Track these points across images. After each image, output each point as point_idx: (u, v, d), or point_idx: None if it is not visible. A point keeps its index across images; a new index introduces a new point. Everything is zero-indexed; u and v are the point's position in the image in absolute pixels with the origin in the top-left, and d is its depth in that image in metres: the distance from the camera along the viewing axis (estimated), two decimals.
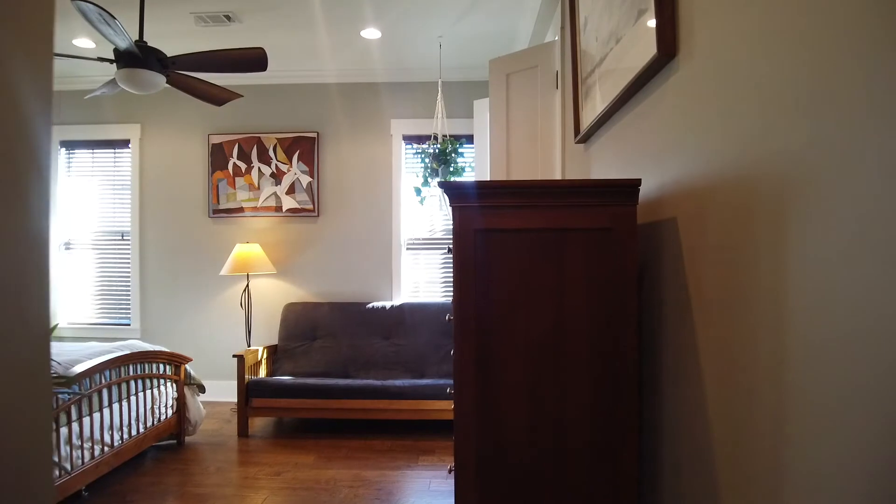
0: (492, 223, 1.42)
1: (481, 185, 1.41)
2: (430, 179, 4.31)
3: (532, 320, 1.41)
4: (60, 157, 5.17)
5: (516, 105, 3.00)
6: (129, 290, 5.11)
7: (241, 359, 4.04)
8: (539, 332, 1.40)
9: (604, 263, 1.38)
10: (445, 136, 4.26)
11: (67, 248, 5.18)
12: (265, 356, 4.45)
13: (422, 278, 4.96)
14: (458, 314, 1.41)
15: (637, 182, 1.36)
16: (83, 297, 5.19)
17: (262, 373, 4.41)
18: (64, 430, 2.80)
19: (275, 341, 4.80)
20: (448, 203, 1.82)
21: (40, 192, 0.68)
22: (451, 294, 4.87)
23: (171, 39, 4.21)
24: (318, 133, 4.94)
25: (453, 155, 4.15)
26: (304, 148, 4.96)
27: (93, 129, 5.12)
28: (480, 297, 1.42)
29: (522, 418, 1.39)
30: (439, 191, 4.48)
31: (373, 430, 4.11)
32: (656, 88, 1.42)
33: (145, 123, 5.09)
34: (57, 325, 5.08)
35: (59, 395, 2.02)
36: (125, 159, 5.15)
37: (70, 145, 5.19)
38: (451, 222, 1.42)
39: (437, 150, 4.17)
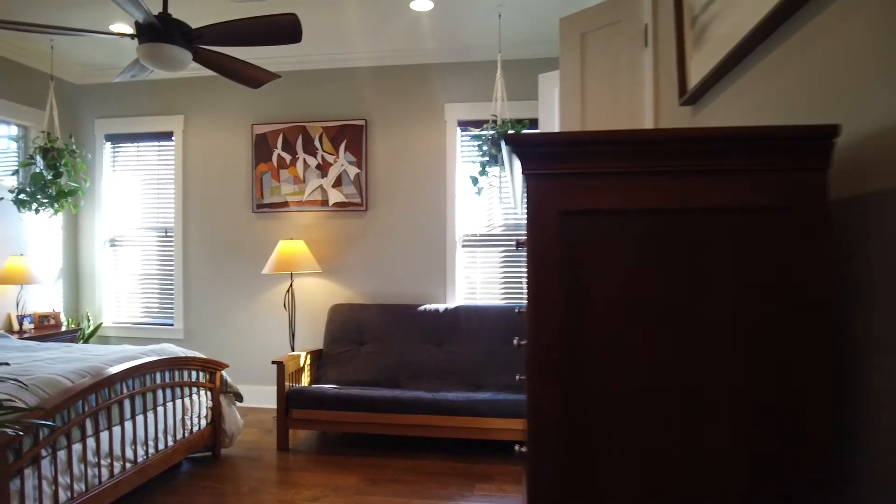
0: (585, 201, 0.93)
1: (571, 139, 0.93)
2: (488, 168, 3.83)
3: (650, 352, 0.91)
4: (105, 151, 5.00)
5: (594, 70, 2.48)
6: (172, 289, 4.89)
7: (280, 366, 3.69)
8: (662, 372, 0.91)
9: (771, 265, 0.87)
10: (506, 119, 3.77)
11: (112, 245, 5.01)
12: (308, 362, 4.10)
13: (479, 278, 4.49)
14: (535, 340, 0.94)
15: (832, 130, 0.84)
16: (127, 295, 5.01)
17: (305, 380, 4.06)
18: (77, 447, 2.50)
19: (320, 345, 4.45)
20: (514, 170, 1.34)
21: None
22: (513, 296, 4.40)
23: (203, 20, 3.91)
24: (366, 120, 4.56)
25: None
26: (352, 137, 4.58)
27: (136, 121, 4.93)
28: (568, 314, 0.94)
29: None
30: (498, 181, 4.00)
31: (423, 448, 3.67)
32: None
33: (188, 114, 4.85)
34: (101, 324, 4.91)
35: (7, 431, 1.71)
36: (169, 152, 4.93)
37: (115, 139, 5.02)
38: (510, 203, 0.93)
39: (496, 134, 3.69)
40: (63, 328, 4.53)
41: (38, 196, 4.07)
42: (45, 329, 4.42)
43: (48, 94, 4.26)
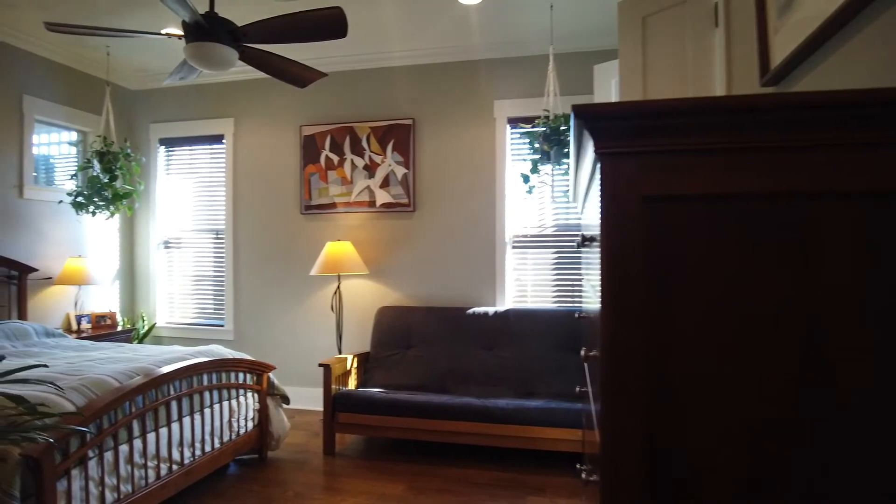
0: (676, 184, 0.78)
1: (662, 108, 0.78)
2: (539, 165, 3.67)
3: (759, 372, 0.75)
4: (159, 154, 5.09)
5: (656, 56, 2.30)
6: (223, 291, 4.93)
7: (327, 368, 3.63)
8: (775, 398, 0.74)
9: None
10: (558, 114, 3.60)
11: (166, 247, 5.10)
12: (355, 365, 4.03)
13: (530, 280, 4.32)
14: (611, 352, 0.79)
15: None
16: (180, 296, 5.08)
17: (352, 384, 3.99)
18: (124, 448, 2.49)
19: (367, 348, 4.38)
20: (581, 154, 1.21)
21: None
22: (566, 299, 4.20)
23: (250, 19, 3.89)
24: (413, 119, 4.47)
25: (569, 135, 3.49)
26: (399, 137, 4.50)
27: (189, 125, 5.00)
28: (654, 323, 0.79)
29: None
30: (551, 178, 3.83)
31: (472, 456, 3.53)
32: None
33: (239, 117, 4.88)
34: (154, 324, 5.00)
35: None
36: (220, 155, 4.97)
37: (168, 143, 5.10)
38: (565, 200, 0.80)
39: (548, 130, 3.52)
40: (119, 328, 4.62)
41: (95, 199, 4.16)
42: (102, 329, 4.51)
43: (104, 99, 4.35)
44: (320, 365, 3.65)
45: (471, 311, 4.11)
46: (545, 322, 3.89)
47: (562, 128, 3.45)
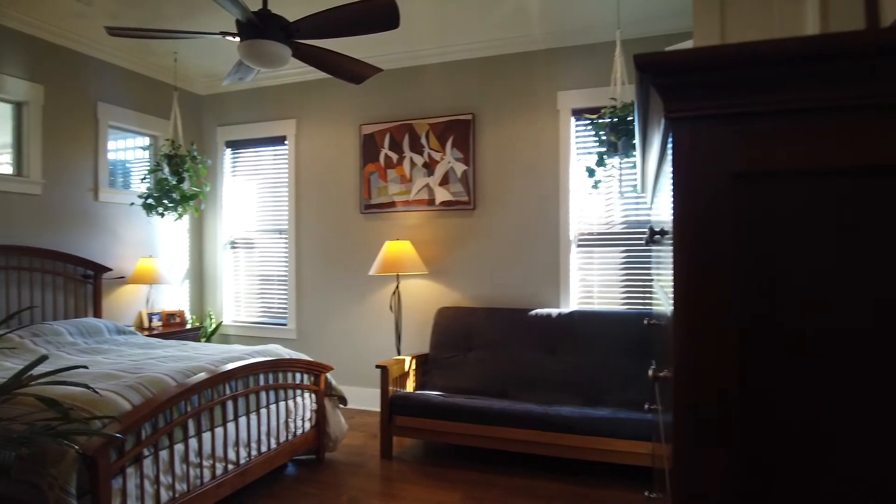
0: (782, 156, 0.60)
1: (754, 53, 0.60)
2: (606, 158, 3.44)
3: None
4: (226, 157, 5.20)
5: (737, 32, 2.05)
6: (286, 290, 4.97)
7: (384, 370, 3.55)
8: None
9: None
10: (626, 102, 3.36)
11: (232, 247, 5.20)
12: (413, 367, 3.93)
13: (596, 281, 4.09)
14: (688, 375, 0.62)
15: None
16: (245, 295, 5.17)
17: (410, 386, 3.90)
18: (179, 447, 2.48)
19: (426, 349, 4.28)
20: (647, 129, 1.03)
21: None
22: (636, 301, 3.94)
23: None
24: (473, 115, 4.33)
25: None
26: (459, 133, 4.38)
27: (253, 127, 5.07)
28: (750, 340, 0.61)
29: None
30: (618, 171, 3.59)
31: (533, 466, 3.35)
32: None
33: (300, 118, 4.91)
34: (221, 322, 5.11)
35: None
36: (282, 156, 5.02)
37: (234, 145, 5.21)
38: (633, 193, 0.64)
39: (615, 120, 3.29)
40: (187, 326, 4.74)
41: (164, 201, 4.27)
42: (171, 327, 4.65)
43: (172, 104, 4.47)
44: (377, 366, 3.58)
45: (533, 312, 3.92)
46: (613, 325, 3.66)
47: (629, 117, 3.21)
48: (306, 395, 3.38)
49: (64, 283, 4.01)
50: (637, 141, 1.19)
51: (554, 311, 3.88)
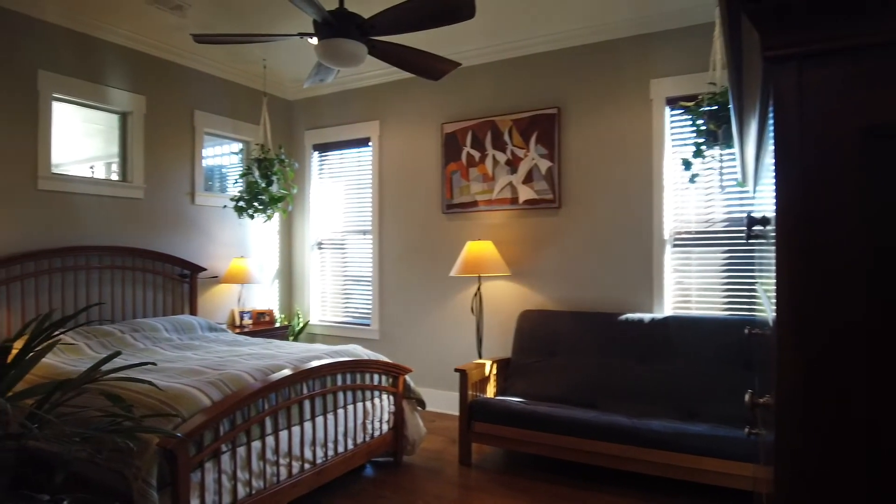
0: None
1: None
2: (704, 149, 3.14)
3: None
4: (313, 160, 5.33)
5: None
6: (370, 291, 5.00)
7: (463, 374, 3.45)
8: None
9: None
10: (727, 88, 3.05)
11: (319, 248, 5.31)
12: (494, 371, 3.80)
13: (694, 284, 3.76)
14: (795, 403, 0.46)
15: None
16: (331, 295, 5.26)
17: (490, 391, 3.76)
18: (256, 444, 2.51)
19: (507, 354, 4.13)
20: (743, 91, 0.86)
21: None
22: (739, 306, 3.57)
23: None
24: (558, 109, 4.13)
25: None
26: (543, 128, 4.20)
27: (339, 130, 5.16)
28: (882, 360, 0.44)
29: None
30: (719, 162, 3.27)
31: (621, 483, 3.11)
32: None
33: (384, 119, 4.92)
34: (308, 322, 5.23)
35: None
36: (366, 157, 5.06)
37: (321, 148, 5.32)
38: (735, 186, 0.47)
39: (715, 107, 2.99)
40: (276, 325, 4.89)
41: (254, 203, 4.42)
42: (261, 325, 4.80)
43: (262, 109, 4.62)
44: (456, 370, 3.48)
45: (623, 317, 3.67)
46: (713, 332, 3.33)
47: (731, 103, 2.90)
48: (384, 396, 3.34)
49: (163, 281, 4.24)
50: (732, 109, 1.00)
51: (646, 316, 3.60)
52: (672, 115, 3.80)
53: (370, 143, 5.01)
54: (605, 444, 2.97)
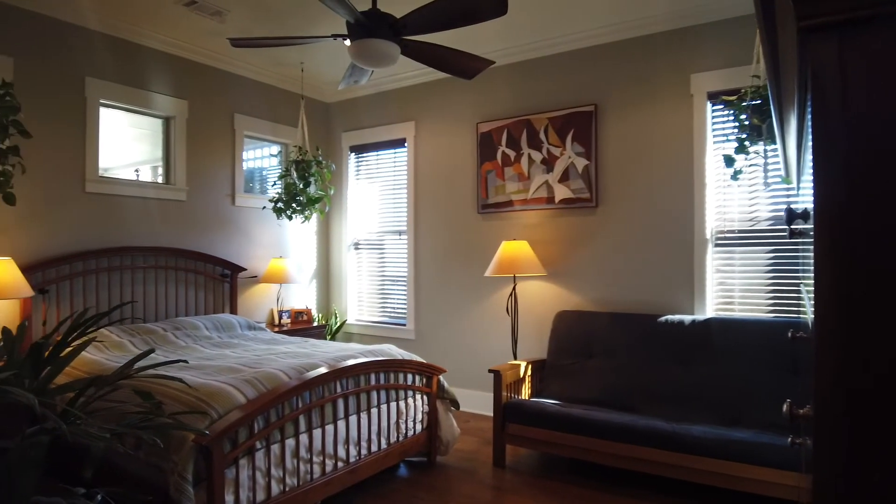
0: None
1: None
2: (748, 144, 3.02)
3: None
4: (350, 161, 5.38)
5: None
6: (405, 291, 5.01)
7: (497, 375, 3.42)
8: None
9: None
10: None
11: (356, 248, 5.35)
12: (529, 372, 3.75)
13: (737, 285, 3.63)
14: (837, 424, 0.42)
15: None
16: (367, 295, 5.30)
17: (525, 392, 3.72)
18: (290, 442, 2.53)
19: (543, 355, 4.07)
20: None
21: None
22: (786, 308, 3.43)
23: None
24: (595, 105, 4.05)
25: None
26: (580, 126, 4.12)
27: (375, 131, 5.19)
28: None
29: None
30: (763, 158, 3.14)
31: (659, 489, 3.02)
32: None
33: (419, 120, 4.93)
34: (345, 321, 5.27)
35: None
36: (402, 158, 5.08)
37: (357, 149, 5.36)
38: (779, 181, 0.42)
39: (758, 101, 2.88)
40: (314, 324, 4.95)
41: (292, 204, 4.48)
42: (299, 324, 4.87)
43: (300, 112, 4.69)
44: (490, 371, 3.44)
45: (663, 318, 3.57)
46: (758, 335, 3.21)
47: None
48: (418, 396, 3.33)
49: (204, 281, 4.35)
50: (770, 97, 0.94)
51: (687, 318, 3.49)
52: (714, 111, 3.68)
53: (405, 144, 5.03)
54: (644, 449, 2.88)
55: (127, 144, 4.13)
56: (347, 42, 2.84)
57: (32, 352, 1.22)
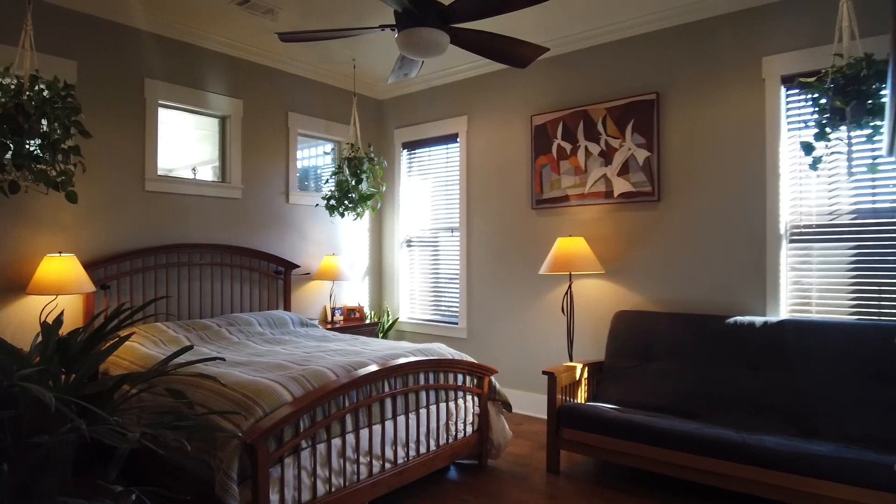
0: None
1: None
2: (829, 130, 2.75)
3: None
4: (402, 158, 5.33)
5: None
6: (457, 288, 4.92)
7: (551, 377, 3.27)
8: None
9: None
10: (859, 56, 2.65)
11: (408, 245, 5.31)
12: (585, 375, 3.58)
13: (815, 284, 3.33)
14: None
15: None
16: (420, 293, 5.24)
17: (581, 396, 3.55)
18: (337, 441, 2.49)
19: (600, 356, 3.89)
20: None
21: None
22: (870, 310, 3.12)
23: None
24: (657, 94, 3.83)
25: (873, 83, 2.54)
26: (640, 115, 3.91)
27: (427, 127, 5.13)
28: None
29: None
30: (846, 147, 2.86)
31: (724, 502, 2.80)
32: None
33: (471, 114, 4.83)
34: (397, 319, 5.24)
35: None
36: (454, 154, 4.99)
37: (410, 146, 5.31)
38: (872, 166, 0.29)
39: (841, 80, 2.61)
40: (366, 321, 4.94)
41: (345, 202, 4.47)
42: (351, 321, 4.87)
43: (352, 109, 4.68)
44: (544, 372, 3.31)
45: (731, 320, 3.32)
46: (840, 339, 2.93)
47: (863, 73, 2.52)
48: (469, 397, 3.24)
49: (259, 278, 4.40)
50: (891, 71, 0.78)
51: (758, 319, 3.24)
52: (788, 95, 3.40)
53: (458, 139, 4.93)
54: (709, 460, 2.68)
55: (191, 145, 4.23)
56: (396, 33, 2.78)
57: (60, 348, 1.20)
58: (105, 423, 1.05)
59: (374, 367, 2.70)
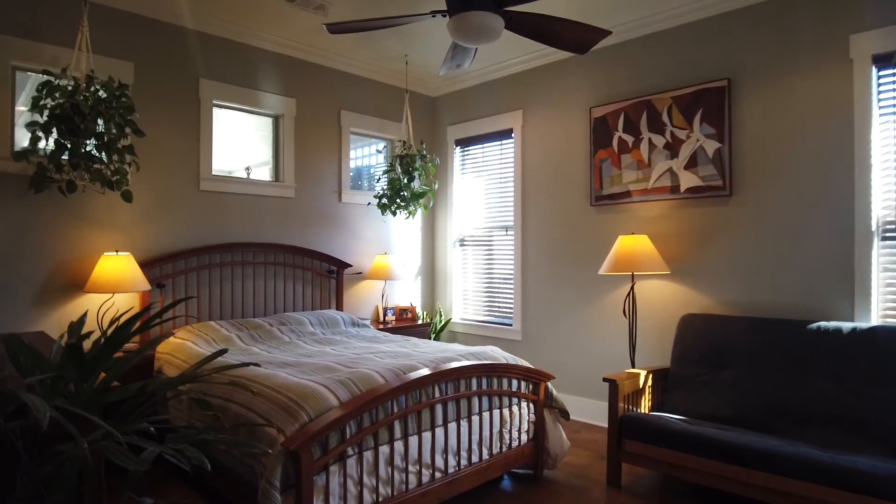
0: None
1: None
2: None
3: None
4: (455, 155, 5.21)
5: None
6: (512, 289, 4.76)
7: (613, 384, 3.07)
8: None
9: None
10: None
11: (461, 245, 5.18)
12: (650, 383, 3.35)
13: None
14: None
15: None
16: (473, 293, 5.11)
17: (645, 405, 3.32)
18: (384, 449, 2.38)
19: (665, 363, 3.64)
20: None
21: None
22: None
23: None
24: (728, 80, 3.55)
25: None
26: (709, 104, 3.63)
27: (480, 123, 4.99)
28: None
29: None
30: None
31: None
32: None
33: (526, 108, 4.65)
34: (450, 319, 5.12)
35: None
36: (509, 150, 4.83)
37: (463, 143, 5.19)
38: None
39: None
40: (418, 322, 4.84)
41: (397, 200, 4.39)
42: (403, 321, 4.79)
43: (404, 106, 4.60)
44: (605, 379, 3.10)
45: (813, 325, 3.02)
46: None
47: None
48: (524, 404, 3.08)
49: (311, 277, 4.38)
50: None
51: (845, 326, 2.93)
52: (880, 76, 3.06)
53: (512, 135, 4.77)
54: (790, 481, 2.41)
55: (246, 146, 4.25)
56: (447, 19, 2.65)
57: (69, 353, 1.14)
58: (114, 439, 0.97)
59: (424, 371, 2.59)
